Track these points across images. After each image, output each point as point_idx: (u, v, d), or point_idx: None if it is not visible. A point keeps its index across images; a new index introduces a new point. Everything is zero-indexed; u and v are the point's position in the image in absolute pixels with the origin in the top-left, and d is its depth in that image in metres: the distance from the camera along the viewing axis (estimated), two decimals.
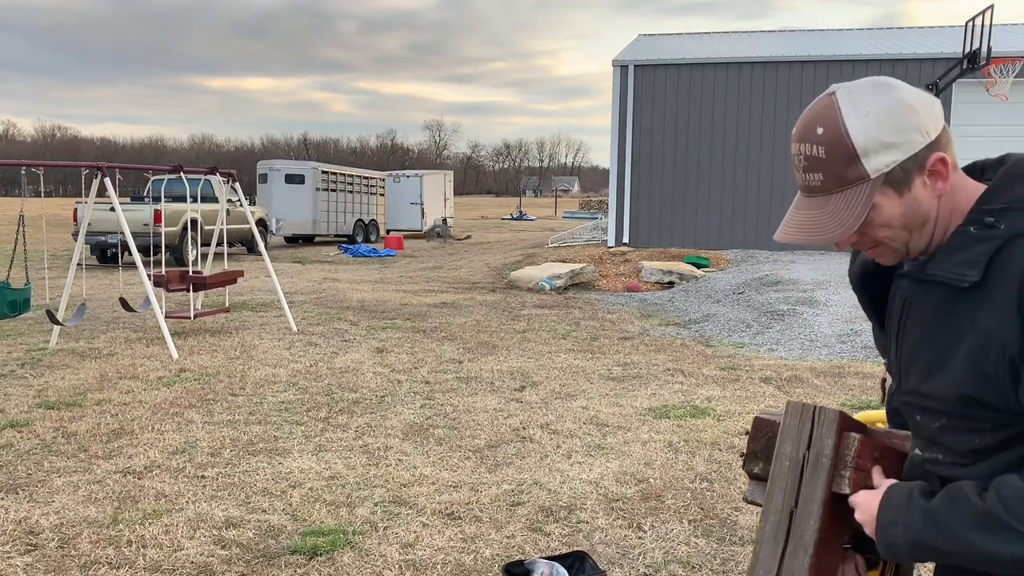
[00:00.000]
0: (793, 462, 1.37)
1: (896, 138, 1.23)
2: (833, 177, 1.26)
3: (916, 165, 1.24)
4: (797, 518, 1.35)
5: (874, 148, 1.23)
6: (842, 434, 1.36)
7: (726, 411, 5.85)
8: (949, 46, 16.31)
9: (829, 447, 1.35)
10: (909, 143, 1.23)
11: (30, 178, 13.23)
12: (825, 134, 1.25)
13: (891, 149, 1.23)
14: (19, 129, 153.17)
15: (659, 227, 17.56)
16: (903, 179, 1.25)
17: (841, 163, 1.24)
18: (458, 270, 16.51)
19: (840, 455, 1.35)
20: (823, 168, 1.26)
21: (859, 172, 1.24)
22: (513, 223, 42.67)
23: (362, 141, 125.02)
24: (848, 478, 1.34)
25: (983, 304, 1.21)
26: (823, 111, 1.27)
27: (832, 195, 1.27)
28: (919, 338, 1.31)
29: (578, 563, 3.30)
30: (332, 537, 3.70)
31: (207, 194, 16.97)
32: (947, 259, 1.26)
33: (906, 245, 1.30)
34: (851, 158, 1.24)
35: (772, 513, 1.38)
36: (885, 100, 1.25)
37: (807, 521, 1.34)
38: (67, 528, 3.81)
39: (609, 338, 8.77)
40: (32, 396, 6.16)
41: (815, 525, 1.33)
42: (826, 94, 1.30)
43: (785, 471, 1.38)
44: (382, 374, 6.99)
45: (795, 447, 1.38)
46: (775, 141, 17.03)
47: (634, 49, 19.23)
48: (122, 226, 7.98)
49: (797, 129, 1.30)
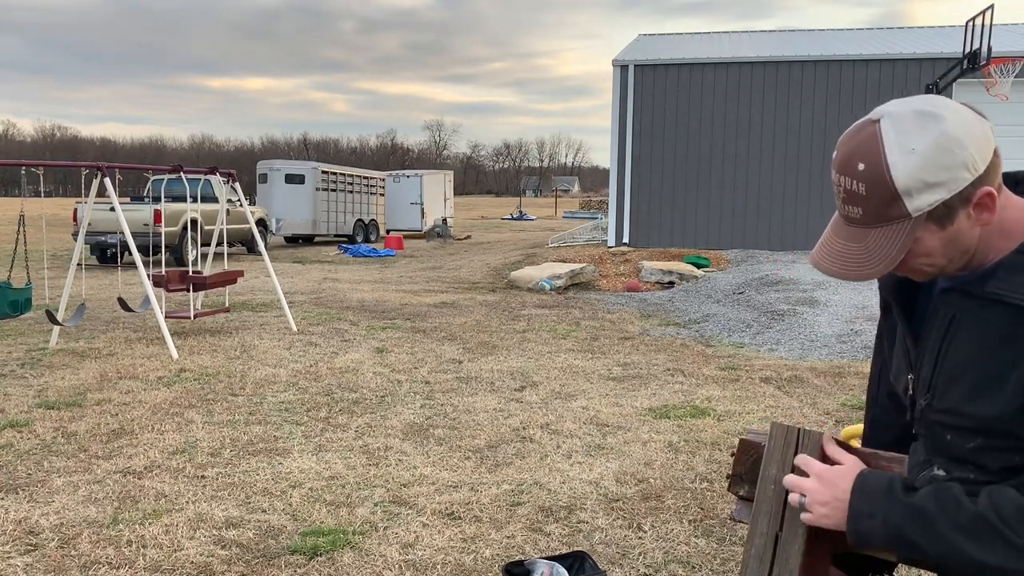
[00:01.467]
0: (778, 486, 1.37)
1: (942, 176, 1.17)
2: (873, 214, 1.21)
3: (961, 201, 1.19)
4: (782, 542, 1.35)
5: (917, 188, 1.17)
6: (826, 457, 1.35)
7: (726, 411, 5.85)
8: (949, 46, 16.31)
9: None
10: (955, 180, 1.17)
11: (30, 178, 13.23)
12: (866, 171, 1.19)
13: (935, 188, 1.17)
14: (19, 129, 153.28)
15: (659, 227, 17.56)
16: (947, 215, 1.19)
17: (882, 202, 1.19)
18: (458, 270, 16.51)
19: None
20: (863, 204, 1.21)
21: (901, 211, 1.19)
22: (513, 223, 42.66)
23: (362, 141, 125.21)
24: None
25: None
26: (864, 143, 1.20)
27: (872, 229, 1.22)
28: (969, 357, 1.26)
29: (578, 563, 3.30)
30: (332, 537, 3.70)
31: (207, 194, 16.97)
32: (1012, 278, 1.21)
33: (942, 269, 1.26)
34: (892, 197, 1.18)
35: (757, 536, 1.38)
36: (932, 135, 1.17)
37: (792, 545, 1.34)
38: (67, 528, 3.81)
39: (609, 338, 8.76)
40: (32, 396, 6.16)
41: (800, 549, 1.33)
42: (869, 120, 1.22)
43: (770, 495, 1.38)
44: (382, 374, 6.99)
45: (780, 470, 1.38)
46: (775, 141, 17.03)
47: (634, 49, 19.23)
48: (122, 226, 7.98)
49: (837, 158, 1.24)
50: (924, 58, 16.35)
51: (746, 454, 1.49)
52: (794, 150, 16.94)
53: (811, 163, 16.86)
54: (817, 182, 16.80)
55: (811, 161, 16.86)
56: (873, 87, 16.55)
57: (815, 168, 16.84)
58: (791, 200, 16.97)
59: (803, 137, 16.90)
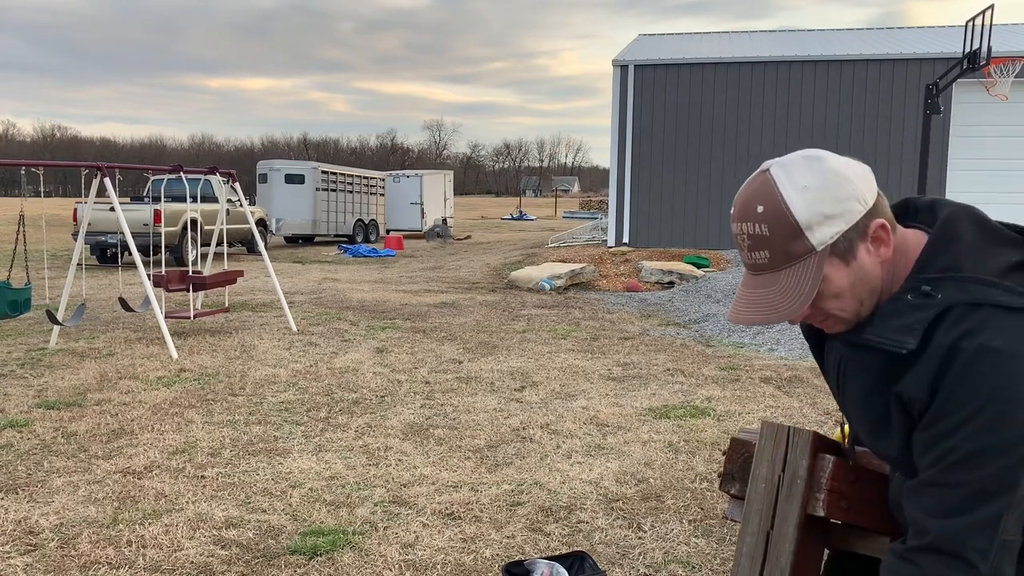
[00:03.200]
0: (769, 484, 1.38)
1: (836, 208, 1.24)
2: (780, 254, 1.26)
3: (858, 234, 1.25)
4: (773, 540, 1.36)
5: (816, 221, 1.23)
6: (816, 456, 1.36)
7: (726, 411, 5.85)
8: (949, 46, 16.30)
9: (804, 469, 1.35)
10: (849, 212, 1.24)
11: (30, 178, 13.24)
12: (766, 211, 1.25)
13: (833, 220, 1.24)
14: (19, 129, 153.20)
15: (659, 227, 17.56)
16: (848, 248, 1.25)
17: (786, 238, 1.24)
18: (458, 270, 16.51)
19: (815, 477, 1.36)
20: (768, 245, 1.26)
21: (805, 246, 1.24)
22: (513, 223, 42.66)
23: (362, 141, 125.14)
24: (823, 500, 1.35)
25: (911, 369, 1.22)
26: (760, 188, 1.27)
27: (781, 271, 1.27)
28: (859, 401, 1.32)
29: (578, 563, 3.30)
30: (332, 537, 3.70)
31: (207, 194, 16.98)
32: (883, 325, 1.26)
33: (856, 314, 1.30)
34: (795, 232, 1.24)
35: (749, 535, 1.38)
36: (819, 172, 1.25)
37: (783, 543, 1.35)
38: (67, 528, 3.81)
39: (609, 338, 8.76)
40: (32, 396, 6.16)
41: (791, 547, 1.34)
42: (759, 172, 1.31)
43: (761, 493, 1.39)
44: (382, 374, 6.99)
45: (770, 469, 1.39)
46: (775, 141, 17.02)
47: (634, 49, 19.23)
48: (122, 226, 7.98)
49: (736, 209, 1.30)
50: (924, 58, 16.35)
51: (737, 453, 1.50)
52: (795, 150, 16.88)
53: None
54: None
55: None
56: (873, 87, 16.55)
57: None
58: None
59: (803, 137, 16.89)
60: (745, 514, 1.40)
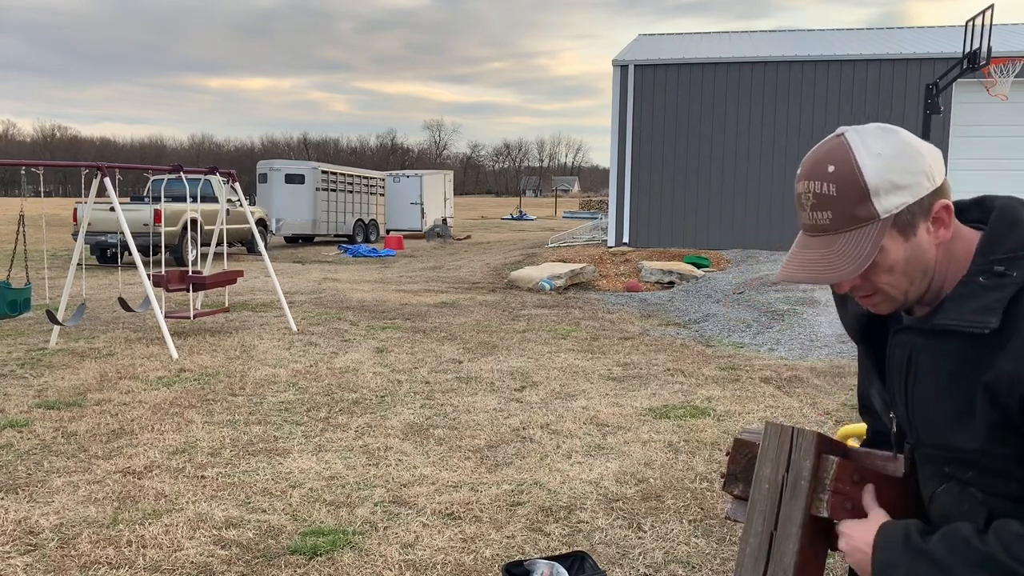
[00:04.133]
0: (772, 485, 1.38)
1: (906, 179, 1.24)
2: (843, 215, 1.26)
3: (922, 210, 1.25)
4: (777, 541, 1.36)
5: (885, 188, 1.23)
6: (820, 457, 1.36)
7: (726, 411, 5.85)
8: (949, 46, 16.31)
9: (807, 469, 1.35)
10: (918, 186, 1.24)
11: (30, 178, 13.24)
12: (837, 171, 1.25)
13: (901, 191, 1.24)
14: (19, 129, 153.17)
15: (659, 227, 17.55)
16: (910, 223, 1.26)
17: (852, 201, 1.24)
18: (458, 270, 16.51)
19: (819, 478, 1.35)
20: (833, 206, 1.26)
21: (870, 212, 1.24)
22: (513, 223, 42.66)
23: (362, 141, 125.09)
24: (826, 501, 1.34)
25: (1003, 348, 1.20)
26: (834, 150, 1.27)
27: (841, 234, 1.27)
28: (936, 392, 1.29)
29: (578, 563, 3.30)
30: (332, 537, 3.70)
31: (207, 194, 16.97)
32: (958, 308, 1.25)
33: (905, 294, 1.30)
34: (863, 196, 1.24)
35: (752, 536, 1.38)
36: (895, 142, 1.26)
37: (787, 544, 1.35)
38: (67, 528, 3.81)
39: (609, 338, 8.77)
40: (32, 396, 6.16)
41: (794, 548, 1.34)
42: (834, 135, 1.30)
43: (764, 494, 1.39)
44: (382, 374, 6.99)
45: (774, 470, 1.38)
46: (775, 141, 17.03)
47: (634, 49, 19.23)
48: (122, 226, 7.98)
49: (805, 167, 1.30)
50: (924, 58, 16.35)
51: (740, 453, 1.50)
52: (794, 150, 16.93)
53: None
54: None
55: None
56: (873, 87, 16.55)
57: None
58: (791, 200, 16.96)
59: (803, 137, 16.89)
60: (748, 515, 1.40)
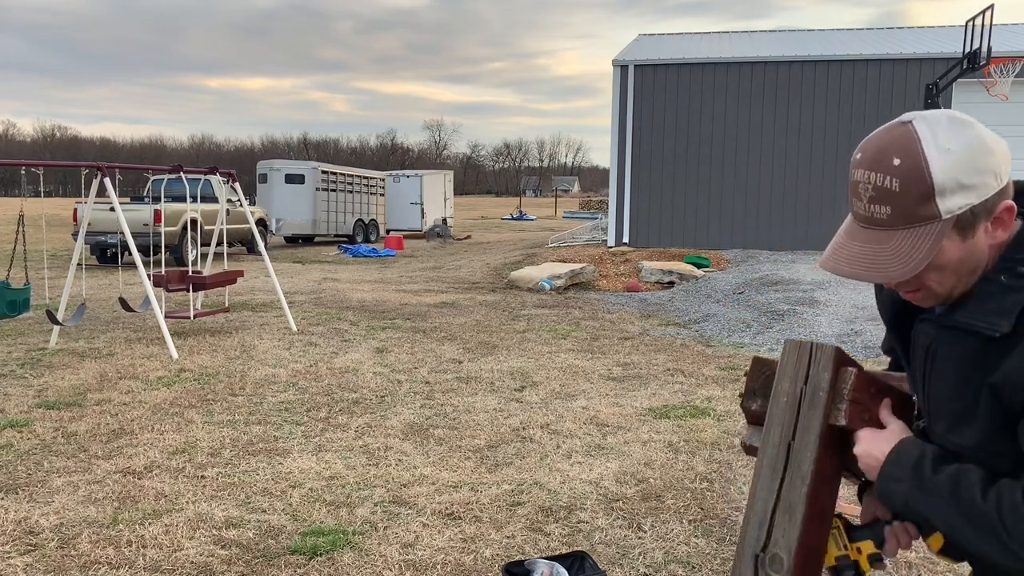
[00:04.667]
0: (791, 398, 1.39)
1: (974, 179, 1.17)
2: (903, 213, 1.19)
3: (985, 211, 1.19)
4: (794, 450, 1.37)
5: (951, 188, 1.16)
6: (839, 369, 1.38)
7: (726, 411, 5.85)
8: (949, 46, 16.31)
9: (826, 381, 1.36)
10: (984, 187, 1.18)
11: (30, 178, 13.25)
12: (902, 166, 1.17)
13: (967, 191, 1.17)
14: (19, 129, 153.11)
15: (659, 227, 17.56)
16: (970, 224, 1.19)
17: (915, 199, 1.17)
18: (458, 270, 16.51)
19: (837, 388, 1.37)
20: (894, 202, 1.19)
21: (932, 211, 1.17)
22: (513, 223, 42.66)
23: (362, 141, 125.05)
24: (844, 410, 1.36)
25: (1010, 353, 1.18)
26: (900, 140, 1.19)
27: (897, 231, 1.20)
28: (946, 389, 1.28)
29: (578, 563, 3.30)
30: (332, 537, 3.70)
31: (207, 194, 16.97)
32: (978, 308, 1.22)
33: (951, 291, 1.25)
34: (927, 195, 1.17)
35: (770, 447, 1.40)
36: (967, 138, 1.18)
37: (804, 452, 1.36)
38: (67, 528, 3.81)
39: (609, 338, 8.76)
40: (32, 396, 6.16)
41: (812, 456, 1.35)
42: (900, 122, 1.21)
43: (783, 407, 1.40)
44: (382, 374, 6.99)
45: (792, 383, 1.40)
46: (775, 141, 17.03)
47: (634, 49, 19.23)
48: (122, 226, 7.98)
49: (866, 156, 1.21)
50: (924, 58, 16.35)
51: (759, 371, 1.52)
52: (794, 150, 16.94)
53: (811, 163, 16.86)
54: (817, 182, 16.80)
55: (811, 161, 16.86)
56: (873, 87, 16.55)
57: (815, 168, 16.84)
58: (791, 200, 16.97)
59: (803, 137, 16.89)
60: (766, 429, 1.41)
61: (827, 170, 16.75)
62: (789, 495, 1.36)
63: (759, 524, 1.37)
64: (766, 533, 1.35)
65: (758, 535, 1.36)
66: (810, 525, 1.35)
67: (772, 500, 1.37)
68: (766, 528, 1.36)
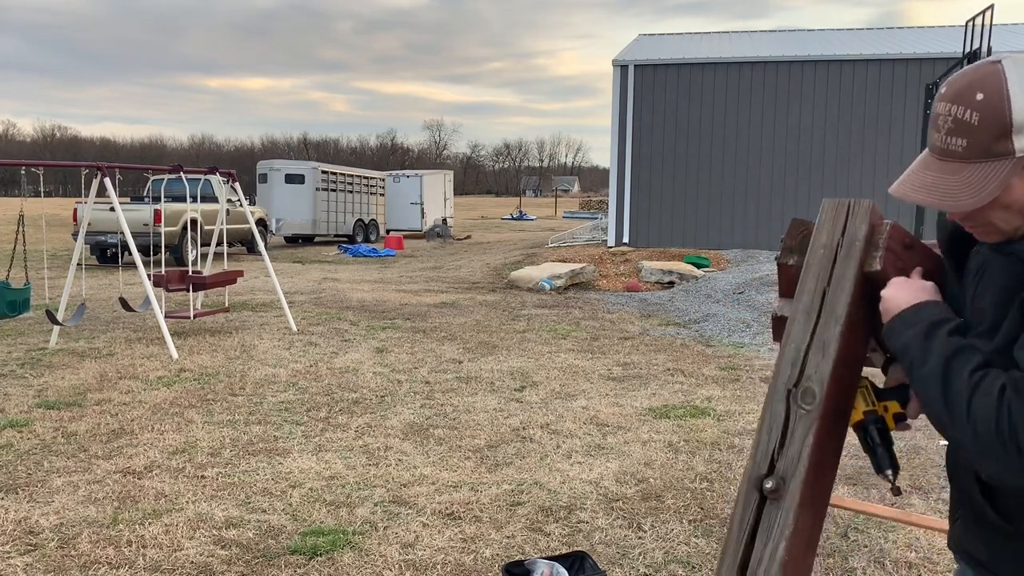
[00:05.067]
0: (827, 249, 1.44)
1: None
2: (979, 146, 1.24)
3: None
4: (830, 295, 1.41)
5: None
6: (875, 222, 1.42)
7: (726, 411, 5.85)
8: (949, 46, 16.30)
9: (863, 232, 1.41)
10: None
11: (30, 178, 13.24)
12: (984, 101, 1.22)
13: None
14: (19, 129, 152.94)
15: (659, 227, 17.56)
16: None
17: (992, 134, 1.22)
18: (458, 270, 16.51)
19: (873, 240, 1.41)
20: (971, 135, 1.24)
21: (1007, 148, 1.22)
22: (513, 223, 42.66)
23: (362, 141, 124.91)
24: (879, 257, 1.40)
25: None
26: (987, 76, 1.24)
27: (970, 164, 1.25)
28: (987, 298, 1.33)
29: (578, 563, 3.30)
30: (332, 537, 3.71)
31: (207, 194, 16.96)
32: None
33: (1016, 230, 1.30)
34: (1005, 131, 1.22)
35: (805, 294, 1.43)
36: None
37: (839, 296, 1.40)
38: (67, 528, 3.81)
39: (609, 338, 8.77)
40: (32, 396, 6.16)
41: (846, 300, 1.39)
42: (990, 61, 1.26)
43: (820, 257, 1.44)
44: (382, 374, 6.99)
45: (830, 236, 1.44)
46: (775, 141, 17.03)
47: (634, 49, 19.23)
48: (122, 226, 7.98)
49: (951, 89, 1.27)
50: (924, 58, 16.35)
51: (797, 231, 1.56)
52: (794, 150, 16.93)
53: (811, 163, 16.86)
54: (817, 181, 16.80)
55: (811, 161, 16.86)
56: (873, 87, 16.55)
57: (815, 168, 16.84)
58: (791, 200, 16.97)
59: (803, 137, 16.89)
60: (802, 279, 1.45)
61: (827, 170, 16.75)
62: (823, 334, 1.39)
63: (791, 363, 1.40)
64: (799, 371, 1.39)
65: (791, 373, 1.40)
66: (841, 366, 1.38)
67: (806, 340, 1.40)
68: (799, 367, 1.39)
